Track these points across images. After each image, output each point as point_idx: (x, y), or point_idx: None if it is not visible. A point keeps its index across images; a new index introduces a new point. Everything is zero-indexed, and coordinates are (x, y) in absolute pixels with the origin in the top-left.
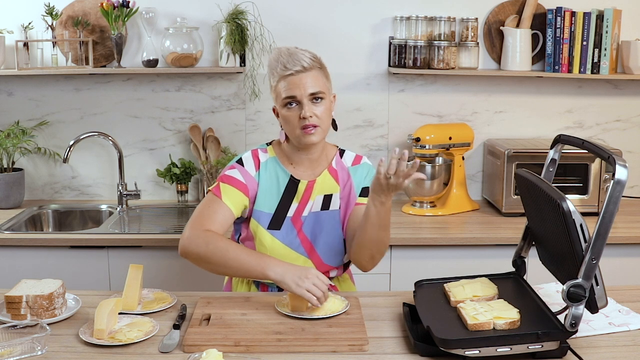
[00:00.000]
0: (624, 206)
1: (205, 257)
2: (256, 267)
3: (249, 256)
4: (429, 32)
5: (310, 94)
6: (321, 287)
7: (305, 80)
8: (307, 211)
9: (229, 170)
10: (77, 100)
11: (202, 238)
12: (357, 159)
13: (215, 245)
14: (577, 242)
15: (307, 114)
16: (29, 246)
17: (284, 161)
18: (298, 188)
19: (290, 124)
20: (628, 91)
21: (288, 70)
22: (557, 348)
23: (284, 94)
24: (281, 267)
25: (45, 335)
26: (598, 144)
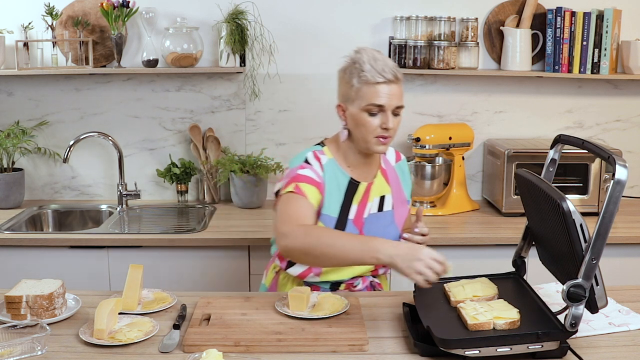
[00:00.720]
0: (624, 206)
1: (309, 248)
2: (366, 251)
3: (356, 241)
4: (429, 32)
5: (396, 106)
6: (434, 267)
7: (394, 91)
8: (366, 213)
9: (301, 170)
10: (77, 100)
11: (301, 230)
12: (397, 155)
13: (316, 235)
14: (577, 242)
15: (390, 124)
16: (29, 246)
17: (341, 163)
18: (358, 190)
19: (367, 129)
20: (628, 91)
21: (381, 77)
22: (557, 348)
23: (372, 100)
24: (391, 249)
25: (45, 335)
26: (598, 144)
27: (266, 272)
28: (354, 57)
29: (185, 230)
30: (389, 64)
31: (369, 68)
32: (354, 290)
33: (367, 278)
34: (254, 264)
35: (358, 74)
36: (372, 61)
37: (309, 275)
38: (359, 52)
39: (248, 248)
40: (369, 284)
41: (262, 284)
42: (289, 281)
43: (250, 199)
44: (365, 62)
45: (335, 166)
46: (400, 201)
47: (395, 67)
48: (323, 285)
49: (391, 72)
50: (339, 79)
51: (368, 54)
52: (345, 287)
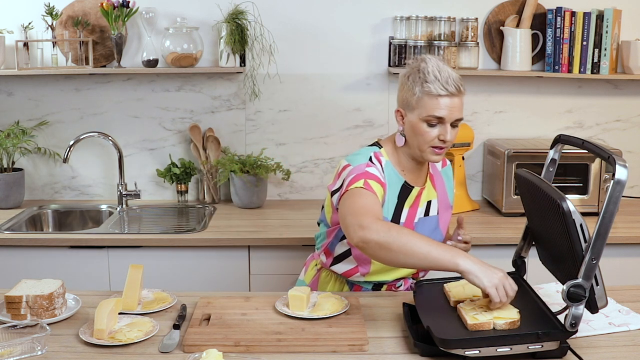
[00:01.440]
0: (624, 206)
1: (387, 243)
2: (445, 255)
3: (435, 245)
4: (429, 32)
5: (456, 119)
6: (508, 289)
7: (455, 104)
8: (417, 218)
9: (369, 168)
10: (77, 100)
11: (382, 225)
12: (444, 160)
13: (398, 231)
14: (577, 242)
15: (448, 137)
16: (29, 246)
17: (396, 166)
18: (410, 194)
19: (424, 139)
20: (628, 91)
21: (445, 90)
22: (557, 348)
23: (433, 112)
24: (471, 259)
25: (45, 335)
26: (598, 144)
27: (305, 268)
28: (419, 65)
29: (185, 230)
30: (453, 75)
31: (433, 79)
32: (397, 290)
33: (409, 280)
34: (254, 264)
35: (422, 83)
36: (436, 72)
37: (355, 275)
38: (424, 60)
39: (248, 248)
40: (410, 287)
41: (301, 280)
42: (332, 279)
43: (250, 199)
44: (429, 73)
45: (391, 168)
46: (445, 207)
47: (459, 80)
48: (365, 286)
49: (454, 85)
50: (400, 84)
51: (433, 64)
52: (387, 288)
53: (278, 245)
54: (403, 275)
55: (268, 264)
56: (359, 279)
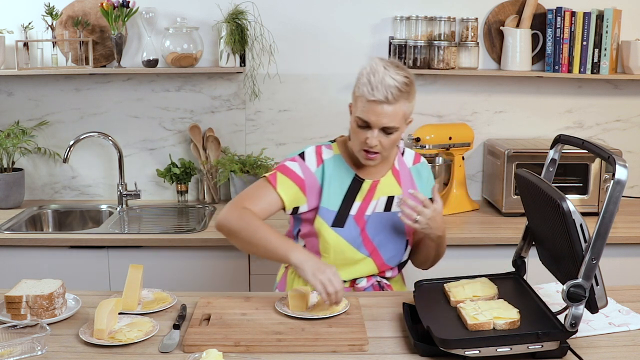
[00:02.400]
0: (624, 206)
1: (235, 230)
2: (280, 248)
3: (277, 238)
4: (429, 32)
5: (384, 126)
6: (335, 284)
7: (385, 112)
8: (370, 211)
9: (290, 162)
10: (77, 100)
11: (238, 213)
12: (417, 157)
13: (247, 222)
14: (577, 242)
15: (372, 142)
16: (29, 246)
17: (348, 160)
18: (362, 187)
19: (356, 139)
20: (628, 91)
21: (373, 96)
22: (557, 348)
23: (360, 114)
24: (304, 255)
25: (45, 335)
26: (598, 144)
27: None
28: (364, 67)
29: (185, 230)
30: (387, 82)
31: (365, 82)
32: (358, 288)
33: (373, 277)
34: (254, 264)
35: (359, 84)
36: (370, 75)
37: None
38: (370, 61)
39: None
40: (377, 283)
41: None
42: (296, 277)
43: None
44: (364, 75)
45: (341, 162)
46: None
47: (394, 88)
48: None
49: (383, 92)
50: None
51: (372, 67)
52: (350, 285)
53: None
54: (362, 275)
55: (268, 264)
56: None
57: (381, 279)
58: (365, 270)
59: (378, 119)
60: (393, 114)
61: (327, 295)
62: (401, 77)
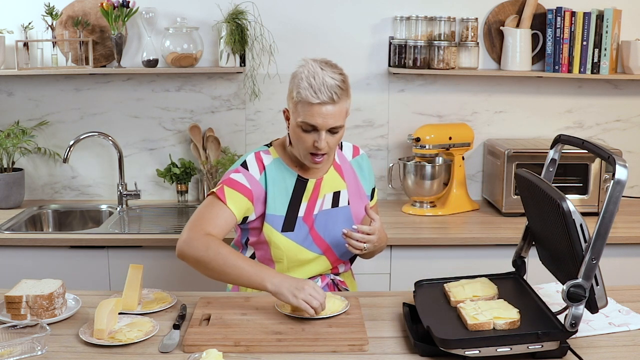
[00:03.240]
0: (624, 206)
1: (203, 261)
2: (255, 277)
3: (249, 266)
4: (429, 32)
5: (331, 127)
6: (317, 297)
7: (330, 112)
8: (317, 209)
9: (234, 174)
10: (77, 100)
11: (202, 241)
12: (355, 150)
13: (215, 251)
14: (577, 242)
15: (322, 145)
16: (29, 246)
17: (288, 162)
18: (307, 187)
19: (301, 145)
20: (628, 91)
21: (317, 98)
22: (557, 348)
23: (305, 118)
24: (278, 278)
25: (45, 335)
26: (598, 144)
27: None
28: (299, 68)
29: None
30: (329, 82)
31: (306, 85)
32: None
33: (327, 276)
34: None
35: (297, 88)
36: (310, 78)
37: None
38: (304, 64)
39: None
40: (331, 282)
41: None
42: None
43: None
44: (303, 79)
45: (282, 165)
46: (359, 197)
47: (335, 87)
48: None
49: (327, 93)
50: (289, 83)
51: (310, 69)
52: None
53: None
54: (318, 272)
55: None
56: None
57: (334, 276)
58: (319, 268)
59: (324, 121)
60: (338, 113)
61: (314, 311)
62: (337, 74)
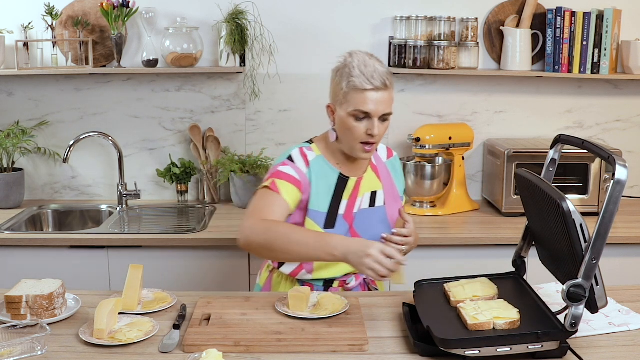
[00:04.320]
0: (624, 206)
1: (267, 243)
2: (320, 248)
3: (312, 238)
4: (429, 32)
5: (383, 113)
6: (384, 263)
7: (383, 98)
8: (356, 208)
9: (282, 167)
10: (77, 100)
11: (262, 225)
12: (389, 151)
13: (275, 231)
14: (577, 242)
15: (375, 131)
16: (29, 246)
17: (330, 159)
18: (347, 185)
19: (353, 135)
20: (628, 91)
21: (370, 84)
22: (557, 348)
23: (358, 106)
24: (344, 246)
25: (45, 335)
26: (598, 144)
27: (260, 271)
28: (346, 60)
29: (185, 230)
30: (380, 70)
31: (358, 73)
32: (347, 288)
33: (361, 275)
34: (254, 264)
35: (347, 78)
36: (362, 66)
37: (301, 273)
38: (351, 55)
39: None
40: (363, 282)
41: (257, 284)
42: (283, 280)
43: (250, 199)
44: (355, 67)
45: (324, 162)
46: (393, 197)
47: (386, 74)
48: (316, 283)
49: (380, 79)
50: (331, 79)
51: (359, 59)
52: (339, 285)
53: None
54: (351, 271)
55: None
56: (307, 277)
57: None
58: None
59: (378, 107)
60: (389, 100)
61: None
62: (381, 65)
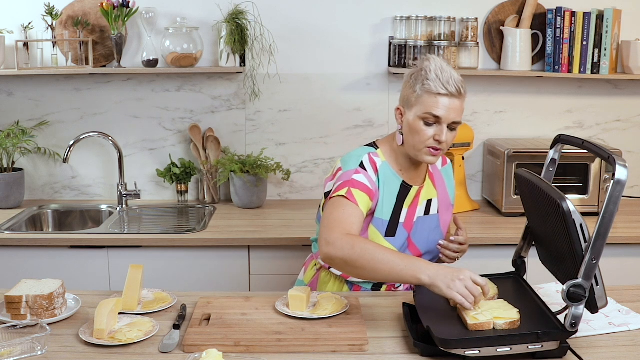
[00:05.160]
0: (624, 206)
1: (351, 260)
2: (407, 270)
3: (399, 259)
4: (429, 32)
5: (453, 121)
6: (473, 290)
7: (455, 106)
8: (416, 216)
9: (356, 175)
10: (77, 100)
11: (346, 241)
12: (444, 159)
13: (362, 248)
14: (577, 242)
15: (443, 138)
16: (29, 246)
17: (394, 166)
18: (409, 194)
19: (420, 138)
20: (628, 91)
21: (445, 89)
22: (557, 348)
23: (430, 110)
24: (433, 270)
25: (45, 335)
26: (598, 144)
27: (305, 268)
28: (423, 63)
29: (185, 230)
30: (455, 77)
31: (434, 77)
32: (396, 290)
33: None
34: (254, 264)
35: (422, 81)
36: (438, 71)
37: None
38: (428, 60)
39: (248, 248)
40: (410, 286)
41: (300, 280)
42: (332, 279)
43: (250, 199)
44: (431, 71)
45: (389, 169)
46: (446, 206)
47: (461, 82)
48: (365, 285)
49: (455, 86)
50: (404, 82)
51: (437, 64)
52: (387, 288)
53: (278, 245)
54: None
55: (268, 264)
56: (358, 279)
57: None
58: None
59: (449, 113)
60: (460, 108)
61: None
62: (457, 74)
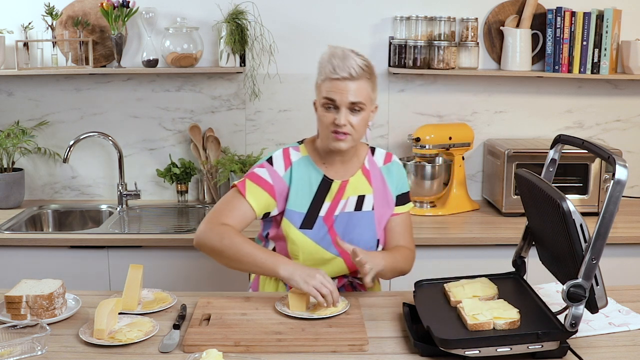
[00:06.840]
0: (624, 206)
1: (219, 250)
2: (268, 263)
3: (262, 253)
4: (429, 32)
5: (350, 102)
6: (327, 285)
7: (349, 87)
8: (338, 210)
9: (258, 169)
10: (77, 100)
11: (217, 232)
12: (388, 156)
13: (230, 240)
14: (577, 242)
15: (341, 121)
16: (29, 246)
17: (316, 160)
18: (331, 187)
19: (323, 125)
20: (628, 91)
21: (336, 74)
22: (557, 348)
23: (325, 94)
24: (291, 265)
25: (45, 335)
26: (598, 144)
27: None
28: (322, 55)
29: (185, 230)
30: (351, 61)
31: (329, 65)
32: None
33: (345, 278)
34: None
35: (320, 70)
36: (335, 59)
37: None
38: (327, 49)
39: None
40: (349, 284)
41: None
42: (269, 279)
43: None
44: (328, 60)
45: (310, 163)
46: (384, 203)
47: (358, 66)
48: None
49: (347, 70)
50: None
51: (335, 53)
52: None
53: None
54: (335, 274)
55: None
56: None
57: (353, 278)
58: (336, 269)
59: (343, 96)
60: (357, 91)
61: (323, 298)
62: (361, 59)
